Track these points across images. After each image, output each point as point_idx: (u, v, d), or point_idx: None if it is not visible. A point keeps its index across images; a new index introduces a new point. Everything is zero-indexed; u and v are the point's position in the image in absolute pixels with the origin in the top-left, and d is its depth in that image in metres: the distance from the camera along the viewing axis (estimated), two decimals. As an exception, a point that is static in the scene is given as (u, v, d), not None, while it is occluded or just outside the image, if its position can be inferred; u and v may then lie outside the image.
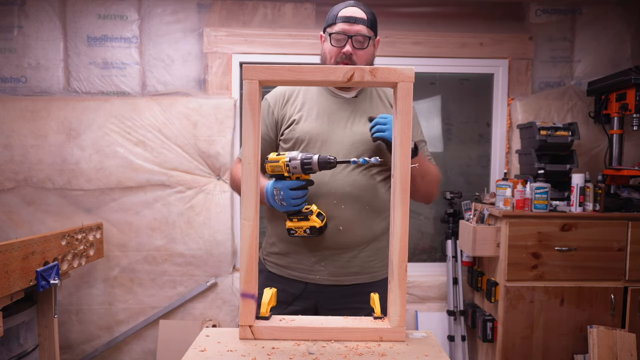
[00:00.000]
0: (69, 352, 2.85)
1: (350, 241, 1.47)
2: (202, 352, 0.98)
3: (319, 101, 1.56)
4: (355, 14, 1.49)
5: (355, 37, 1.47)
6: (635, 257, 2.51)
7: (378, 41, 1.57)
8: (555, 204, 2.59)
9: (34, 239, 1.99)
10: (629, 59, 3.04)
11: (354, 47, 1.47)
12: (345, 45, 1.47)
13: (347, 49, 1.47)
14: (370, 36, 1.49)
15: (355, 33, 1.47)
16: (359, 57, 1.49)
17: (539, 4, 3.03)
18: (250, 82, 1.04)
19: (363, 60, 1.50)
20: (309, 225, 1.35)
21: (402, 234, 1.06)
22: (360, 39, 1.47)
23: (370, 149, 1.49)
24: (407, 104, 1.03)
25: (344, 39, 1.47)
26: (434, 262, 3.16)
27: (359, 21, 1.48)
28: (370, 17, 1.51)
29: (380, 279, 1.52)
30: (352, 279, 1.49)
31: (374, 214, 1.49)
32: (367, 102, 1.56)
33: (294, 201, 1.34)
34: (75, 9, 2.90)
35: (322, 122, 1.51)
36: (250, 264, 1.07)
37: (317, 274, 1.48)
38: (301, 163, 1.30)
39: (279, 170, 1.33)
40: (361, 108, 1.55)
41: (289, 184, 1.34)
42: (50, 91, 2.91)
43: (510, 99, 3.04)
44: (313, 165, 1.30)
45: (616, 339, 2.43)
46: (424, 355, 0.98)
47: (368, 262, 1.50)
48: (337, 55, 1.49)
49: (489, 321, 2.64)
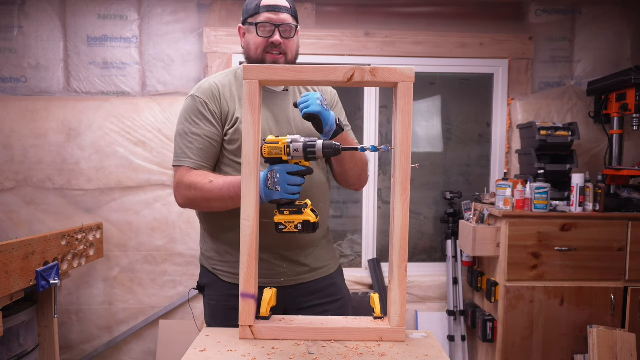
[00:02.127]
0: (69, 352, 2.85)
1: (310, 238, 1.46)
2: (202, 352, 0.98)
3: None
4: (279, 2, 1.44)
5: (282, 26, 1.43)
6: (635, 257, 2.51)
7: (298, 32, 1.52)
8: (555, 204, 2.59)
9: (34, 239, 1.99)
10: (629, 59, 3.04)
11: (282, 37, 1.43)
12: (274, 34, 1.42)
13: (276, 39, 1.42)
14: (295, 25, 1.45)
15: (281, 22, 1.43)
16: (288, 47, 1.45)
17: (539, 4, 3.03)
18: (250, 82, 1.04)
19: (292, 50, 1.46)
20: (302, 219, 1.18)
21: (402, 234, 1.06)
22: (287, 28, 1.43)
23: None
24: (407, 104, 1.03)
25: (271, 29, 1.42)
26: (434, 262, 3.16)
27: (283, 10, 1.44)
28: (293, 6, 1.47)
29: (334, 270, 1.56)
30: (313, 274, 1.50)
31: (326, 208, 1.51)
32: (297, 94, 1.54)
33: (290, 187, 1.18)
34: (75, 9, 2.90)
35: (266, 119, 1.44)
36: (250, 264, 1.07)
37: (282, 277, 1.45)
38: (304, 146, 1.15)
39: (278, 153, 1.17)
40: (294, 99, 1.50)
41: (288, 167, 1.18)
42: (50, 91, 2.91)
43: (510, 99, 3.04)
44: (317, 151, 1.15)
45: (616, 339, 2.43)
46: (424, 355, 0.98)
47: (323, 256, 1.52)
48: (264, 46, 1.43)
49: (489, 321, 2.64)
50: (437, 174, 3.21)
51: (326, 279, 1.52)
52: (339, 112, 1.62)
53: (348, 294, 1.62)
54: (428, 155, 3.22)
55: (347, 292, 1.61)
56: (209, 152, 1.43)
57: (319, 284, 1.50)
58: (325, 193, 1.50)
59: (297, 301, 1.48)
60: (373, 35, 2.96)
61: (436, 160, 3.21)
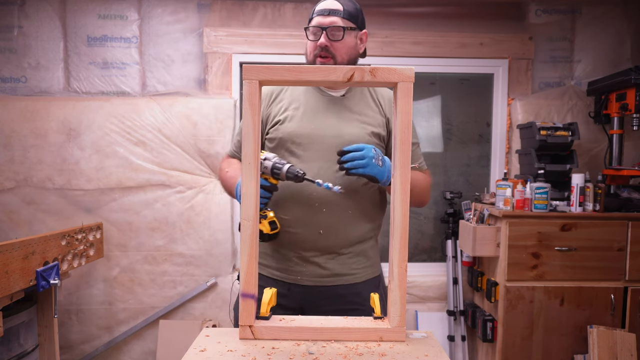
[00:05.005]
0: (69, 352, 2.85)
1: (330, 244, 1.46)
2: (202, 352, 0.98)
3: (306, 100, 1.52)
4: (330, 5, 1.45)
5: (330, 28, 1.43)
6: (635, 257, 2.51)
7: (365, 34, 1.53)
8: (555, 204, 2.59)
9: (34, 239, 1.99)
10: (629, 59, 3.04)
11: (330, 39, 1.43)
12: (321, 37, 1.44)
13: (321, 41, 1.43)
14: (346, 27, 1.44)
15: (329, 24, 1.43)
16: (337, 49, 1.45)
17: (539, 4, 3.03)
18: (250, 82, 1.04)
19: (342, 52, 1.46)
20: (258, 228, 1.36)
21: (402, 234, 1.06)
22: (335, 31, 1.44)
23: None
24: (407, 104, 1.03)
25: (319, 32, 1.45)
26: (434, 262, 3.16)
27: (333, 13, 1.45)
28: (348, 8, 1.46)
29: (362, 280, 1.53)
30: (333, 280, 1.48)
31: (356, 217, 1.48)
32: (355, 100, 1.52)
33: None
34: (75, 9, 2.90)
35: (307, 123, 1.47)
36: (250, 264, 1.07)
37: (299, 275, 1.47)
38: (272, 167, 1.31)
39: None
40: (349, 107, 1.51)
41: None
42: (50, 91, 2.91)
43: (510, 99, 3.04)
44: (281, 174, 1.31)
45: (616, 339, 2.43)
46: (424, 355, 0.98)
47: (349, 265, 1.50)
48: (314, 49, 1.46)
49: (489, 321, 2.64)
50: (437, 174, 3.20)
51: (349, 287, 1.49)
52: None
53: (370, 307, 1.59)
54: (428, 155, 3.22)
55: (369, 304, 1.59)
56: None
57: (340, 290, 1.48)
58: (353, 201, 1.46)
59: (317, 303, 1.48)
60: (373, 35, 2.96)
61: (436, 160, 3.21)
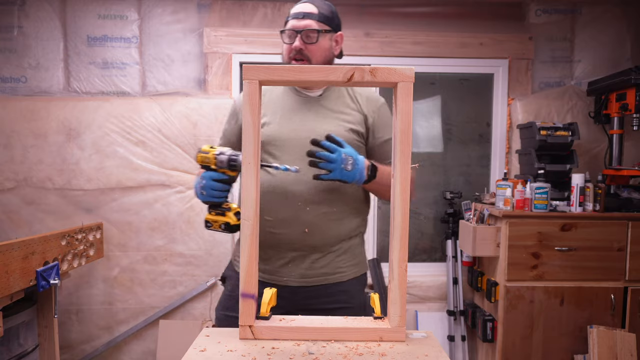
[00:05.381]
0: (69, 352, 2.85)
1: (316, 243, 1.46)
2: (202, 352, 0.98)
3: (284, 102, 1.53)
4: (304, 9, 1.47)
5: (304, 32, 1.45)
6: (635, 257, 2.51)
7: (340, 36, 1.54)
8: (555, 204, 2.59)
9: (34, 239, 1.99)
10: (629, 59, 3.04)
11: (304, 42, 1.45)
12: (295, 40, 1.46)
13: (296, 44, 1.45)
14: (320, 30, 1.46)
15: (303, 28, 1.45)
16: (311, 52, 1.46)
17: (539, 4, 3.03)
18: (250, 82, 1.04)
19: (316, 55, 1.47)
20: (224, 220, 1.37)
21: (402, 234, 1.05)
22: (309, 34, 1.45)
23: None
24: (407, 104, 1.03)
25: (294, 35, 1.46)
26: (434, 262, 3.16)
27: (307, 16, 1.46)
28: (323, 11, 1.48)
29: (349, 278, 1.52)
30: (321, 279, 1.48)
31: (341, 215, 1.48)
32: (333, 99, 1.53)
33: (214, 192, 1.36)
34: (75, 9, 2.90)
35: (285, 125, 1.49)
36: (250, 264, 1.07)
37: (286, 276, 1.48)
38: (228, 159, 1.34)
39: (208, 162, 1.37)
40: (327, 106, 1.51)
41: (213, 174, 1.36)
42: (50, 91, 2.91)
43: (510, 99, 3.04)
44: (238, 165, 1.33)
45: (616, 339, 2.43)
46: (424, 355, 0.98)
47: (336, 262, 1.50)
48: (290, 52, 1.47)
49: (489, 321, 2.64)
50: (437, 174, 3.20)
51: (336, 286, 1.50)
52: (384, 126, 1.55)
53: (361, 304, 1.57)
54: (428, 155, 3.22)
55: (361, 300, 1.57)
56: None
57: (328, 290, 1.49)
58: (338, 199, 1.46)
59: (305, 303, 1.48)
60: (373, 35, 2.96)
61: (436, 160, 3.21)
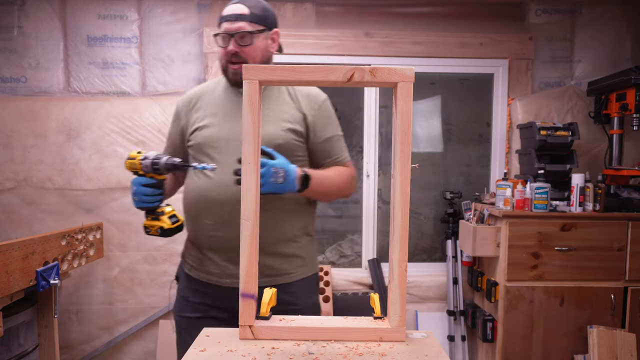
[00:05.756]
0: (69, 352, 2.85)
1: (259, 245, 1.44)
2: (202, 352, 0.98)
3: (224, 103, 1.52)
4: (236, 10, 1.45)
5: (237, 34, 1.43)
6: (635, 257, 2.51)
7: (276, 33, 1.52)
8: (555, 204, 2.59)
9: (34, 239, 1.99)
10: (629, 59, 3.04)
11: (239, 45, 1.44)
12: (229, 44, 1.45)
13: (230, 48, 1.44)
14: (253, 31, 1.44)
15: (236, 30, 1.43)
16: (247, 54, 1.45)
17: (539, 4, 3.03)
18: (250, 82, 1.04)
19: (253, 56, 1.46)
20: (159, 225, 1.39)
21: (402, 234, 1.05)
22: (243, 36, 1.44)
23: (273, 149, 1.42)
24: (407, 104, 1.03)
25: (228, 38, 1.45)
26: (434, 262, 3.16)
27: (240, 18, 1.44)
28: (255, 11, 1.45)
29: (296, 279, 1.50)
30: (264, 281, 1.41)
31: (279, 217, 1.45)
32: (273, 98, 1.51)
33: (145, 197, 1.37)
34: (75, 9, 2.90)
35: (223, 126, 1.48)
36: (250, 264, 1.07)
37: (229, 279, 1.46)
38: (151, 163, 1.35)
39: (135, 168, 1.38)
40: (266, 105, 1.49)
41: (142, 180, 1.37)
42: (50, 91, 2.91)
43: (510, 99, 3.04)
44: (161, 168, 1.35)
45: (616, 339, 2.43)
46: (424, 355, 0.98)
47: (279, 265, 1.47)
48: (226, 55, 1.47)
49: (489, 321, 2.64)
50: (437, 174, 3.21)
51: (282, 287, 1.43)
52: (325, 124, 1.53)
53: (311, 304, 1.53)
54: (428, 155, 3.22)
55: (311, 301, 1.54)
56: None
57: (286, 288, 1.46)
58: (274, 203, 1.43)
59: None
60: (373, 35, 2.96)
61: (436, 160, 3.21)
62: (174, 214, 1.41)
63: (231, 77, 1.49)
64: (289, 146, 1.45)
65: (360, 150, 3.12)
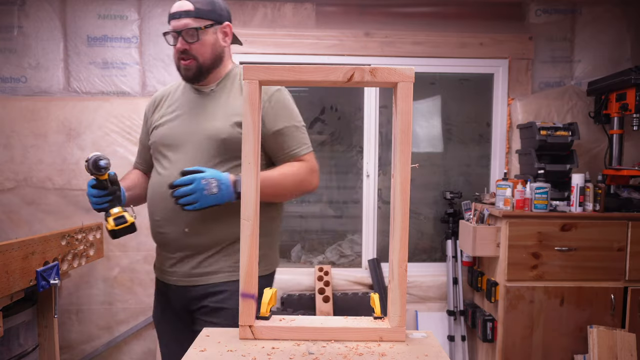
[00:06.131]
0: (69, 352, 2.85)
1: (197, 243, 1.43)
2: (202, 352, 0.98)
3: (183, 101, 1.52)
4: (181, 7, 1.44)
5: (184, 31, 1.43)
6: (635, 257, 2.51)
7: (228, 26, 1.49)
8: (555, 204, 2.59)
9: (34, 239, 1.99)
10: (629, 59, 3.04)
11: (187, 42, 1.43)
12: (177, 42, 1.45)
13: (178, 46, 1.45)
14: (199, 27, 1.42)
15: (182, 27, 1.43)
16: (196, 50, 1.44)
17: (539, 4, 3.03)
18: (250, 82, 1.04)
19: (202, 53, 1.44)
20: (107, 226, 1.40)
21: (402, 234, 1.05)
22: (188, 33, 1.43)
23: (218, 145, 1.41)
24: (407, 104, 1.03)
25: (176, 36, 1.45)
26: (434, 262, 3.16)
27: (184, 15, 1.43)
28: (200, 5, 1.43)
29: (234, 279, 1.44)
30: (206, 278, 1.45)
31: (224, 216, 1.42)
32: (225, 92, 1.49)
33: (94, 199, 1.38)
34: (75, 9, 2.90)
35: (177, 124, 1.48)
36: (251, 264, 1.07)
37: (174, 276, 1.48)
38: (90, 164, 1.35)
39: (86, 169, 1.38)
40: (217, 100, 1.47)
41: (90, 181, 1.39)
42: (50, 91, 2.91)
43: (510, 99, 3.04)
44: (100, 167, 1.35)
45: (616, 339, 2.43)
46: (424, 355, 0.98)
47: (225, 262, 1.45)
48: (175, 54, 1.47)
49: (489, 321, 2.64)
50: (437, 174, 3.21)
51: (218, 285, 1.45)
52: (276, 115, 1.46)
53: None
54: (428, 155, 3.22)
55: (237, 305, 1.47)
56: None
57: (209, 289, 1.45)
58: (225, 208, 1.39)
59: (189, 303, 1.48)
60: (373, 35, 2.96)
61: (436, 160, 3.21)
62: (121, 215, 1.40)
63: (183, 74, 1.49)
64: (234, 140, 1.39)
65: (360, 150, 3.12)
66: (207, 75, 1.50)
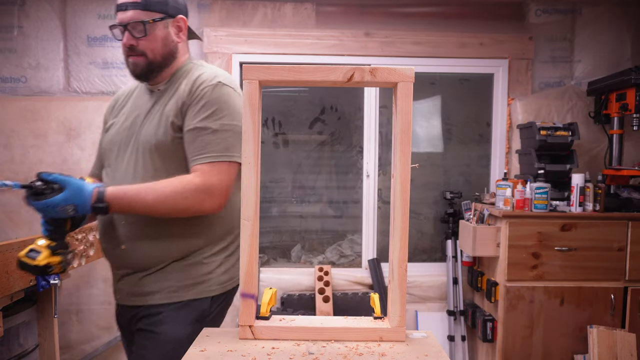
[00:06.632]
0: (69, 352, 2.85)
1: (134, 261, 1.32)
2: (202, 352, 0.98)
3: (136, 102, 1.42)
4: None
5: (130, 25, 1.27)
6: (635, 257, 2.51)
7: (182, 19, 1.35)
8: (555, 204, 2.59)
9: (34, 239, 1.98)
10: (629, 59, 3.04)
11: (134, 37, 1.28)
12: (124, 36, 1.29)
13: (124, 41, 1.29)
14: (147, 20, 1.27)
15: (128, 21, 1.27)
16: (145, 46, 1.29)
17: (539, 4, 3.03)
18: (250, 82, 1.04)
19: (152, 48, 1.30)
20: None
21: (402, 234, 1.05)
22: (137, 27, 1.27)
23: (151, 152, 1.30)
24: (407, 104, 1.03)
25: (122, 30, 1.29)
26: (434, 262, 3.16)
27: (130, 6, 1.26)
28: None
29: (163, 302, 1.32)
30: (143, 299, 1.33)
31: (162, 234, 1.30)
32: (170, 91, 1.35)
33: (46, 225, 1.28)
34: (75, 9, 2.90)
35: (121, 127, 1.38)
36: (251, 264, 1.07)
37: (118, 293, 1.39)
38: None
39: None
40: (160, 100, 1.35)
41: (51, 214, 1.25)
42: (50, 91, 2.91)
43: (510, 99, 3.04)
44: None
45: (616, 339, 2.43)
46: (424, 355, 0.98)
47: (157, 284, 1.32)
48: (123, 49, 1.32)
49: (489, 321, 2.64)
50: (437, 174, 3.20)
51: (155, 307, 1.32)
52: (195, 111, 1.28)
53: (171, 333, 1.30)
54: (428, 155, 3.22)
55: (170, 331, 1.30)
56: None
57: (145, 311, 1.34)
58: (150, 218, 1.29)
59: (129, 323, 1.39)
60: (373, 35, 2.96)
61: (436, 160, 3.21)
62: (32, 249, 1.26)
63: (132, 70, 1.34)
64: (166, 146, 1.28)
65: (360, 150, 3.12)
66: (158, 74, 1.36)
